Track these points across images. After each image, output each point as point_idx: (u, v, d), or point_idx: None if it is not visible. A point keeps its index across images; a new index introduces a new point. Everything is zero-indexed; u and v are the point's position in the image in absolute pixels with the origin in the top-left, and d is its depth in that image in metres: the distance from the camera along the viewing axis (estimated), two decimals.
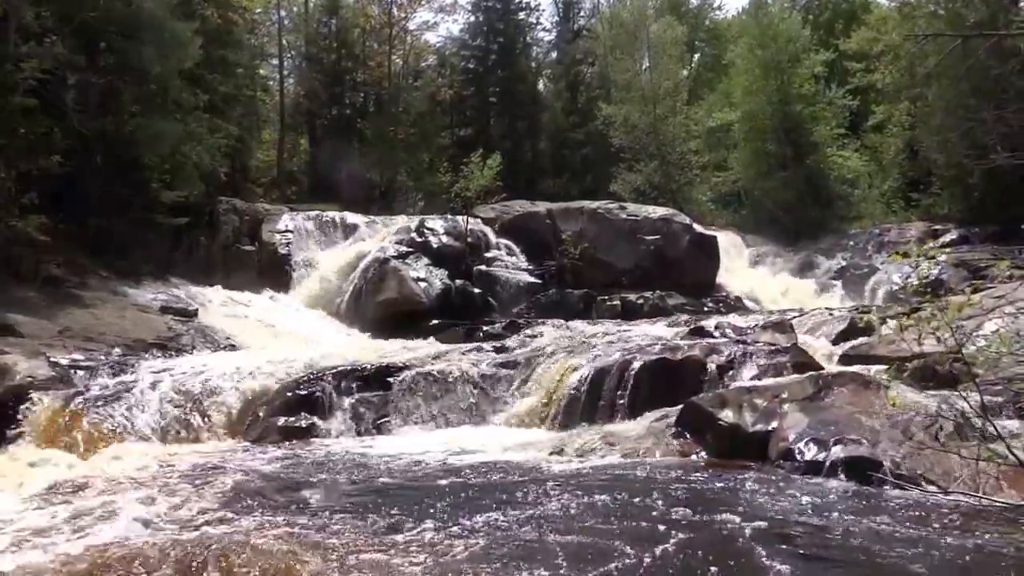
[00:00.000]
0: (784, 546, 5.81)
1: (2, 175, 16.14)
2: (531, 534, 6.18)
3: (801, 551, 5.71)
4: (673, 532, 6.14)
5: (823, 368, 11.03)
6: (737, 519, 6.46)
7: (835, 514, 6.60)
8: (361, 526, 6.47)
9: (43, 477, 8.64)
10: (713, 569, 5.45)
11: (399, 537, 6.17)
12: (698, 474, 8.11)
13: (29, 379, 10.95)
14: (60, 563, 5.71)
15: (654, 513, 6.67)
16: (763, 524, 6.32)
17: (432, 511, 6.87)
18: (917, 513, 6.59)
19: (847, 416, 8.58)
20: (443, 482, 7.99)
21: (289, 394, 11.36)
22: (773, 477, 7.84)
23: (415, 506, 7.06)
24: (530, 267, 23.22)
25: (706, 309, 21.38)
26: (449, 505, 7.08)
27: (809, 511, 6.69)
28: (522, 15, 44.81)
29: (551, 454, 9.37)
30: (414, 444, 10.10)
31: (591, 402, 10.86)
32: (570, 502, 7.08)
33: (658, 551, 5.75)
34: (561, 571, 5.39)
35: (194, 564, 5.56)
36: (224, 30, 26.46)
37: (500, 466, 8.71)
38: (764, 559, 5.56)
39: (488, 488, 7.69)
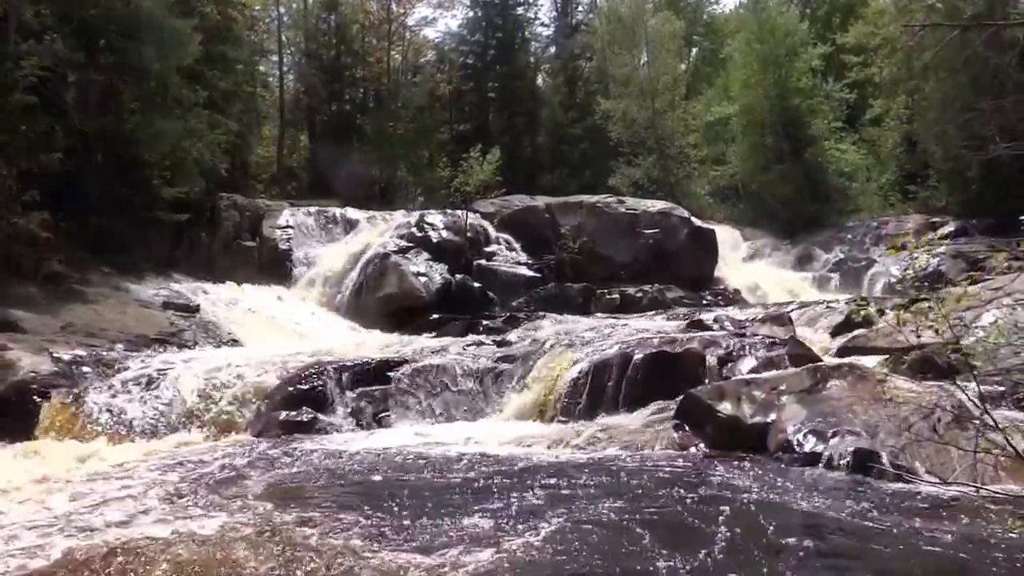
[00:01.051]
0: (782, 537, 5.86)
1: (3, 173, 16.17)
2: (530, 527, 6.23)
3: (799, 541, 5.76)
4: (672, 524, 6.21)
5: (821, 360, 11.09)
6: (735, 510, 6.53)
7: (833, 505, 6.66)
8: (363, 521, 6.53)
9: (47, 473, 8.70)
10: (711, 560, 5.51)
11: (400, 532, 6.23)
12: (697, 466, 8.18)
13: (32, 375, 11.01)
14: (62, 561, 5.76)
15: (654, 505, 6.74)
16: (761, 515, 6.38)
17: (433, 506, 6.93)
18: (915, 504, 6.65)
19: (845, 408, 8.63)
20: (444, 476, 8.05)
21: (290, 389, 11.42)
22: (771, 469, 7.90)
23: (416, 500, 7.12)
24: (529, 261, 23.20)
25: (704, 302, 21.42)
26: (450, 499, 7.14)
27: (807, 502, 6.75)
28: (520, 10, 44.79)
29: (551, 447, 9.43)
30: (415, 438, 10.16)
31: (591, 395, 10.90)
32: (570, 494, 7.14)
33: (657, 543, 5.81)
34: (560, 562, 5.45)
35: (198, 560, 5.62)
36: (223, 27, 26.43)
37: (500, 459, 8.77)
38: (763, 550, 5.62)
39: (488, 482, 7.74)
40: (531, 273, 22.62)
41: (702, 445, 9.04)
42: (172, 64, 20.36)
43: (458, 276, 21.31)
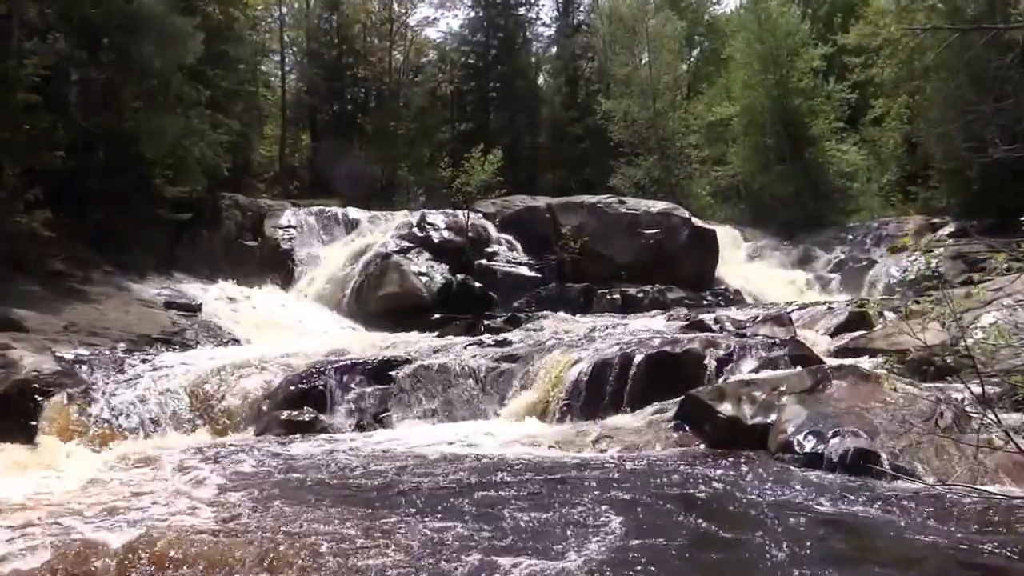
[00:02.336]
0: (782, 537, 5.89)
1: (7, 171, 16.21)
2: (530, 527, 6.26)
3: (799, 542, 5.78)
4: (672, 524, 6.23)
5: (822, 361, 11.11)
6: (736, 511, 6.56)
7: (833, 506, 6.68)
8: (364, 519, 6.54)
9: (50, 472, 8.73)
10: (711, 559, 5.54)
11: (401, 528, 6.25)
12: (697, 467, 8.19)
13: (35, 374, 10.99)
14: (70, 559, 5.78)
15: (654, 505, 6.75)
16: (761, 515, 6.41)
17: (434, 505, 6.94)
18: (915, 505, 6.66)
19: (846, 409, 8.66)
20: (445, 476, 8.04)
21: (292, 388, 11.43)
22: (772, 469, 7.92)
23: (417, 501, 7.12)
24: (530, 261, 23.23)
25: (705, 302, 21.45)
26: (451, 499, 7.15)
27: (807, 503, 6.77)
28: (522, 10, 44.86)
29: (551, 447, 9.44)
30: (415, 438, 10.16)
31: (591, 396, 10.91)
32: (570, 495, 7.15)
33: (657, 541, 5.83)
34: (562, 561, 5.47)
35: (202, 558, 5.64)
36: (225, 26, 26.44)
37: (501, 460, 8.78)
38: (763, 550, 5.64)
39: (489, 482, 7.75)
40: (532, 273, 22.65)
41: (702, 445, 9.06)
42: (173, 62, 20.37)
43: (459, 276, 21.35)
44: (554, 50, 47.73)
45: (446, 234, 23.04)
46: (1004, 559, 5.49)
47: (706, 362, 11.05)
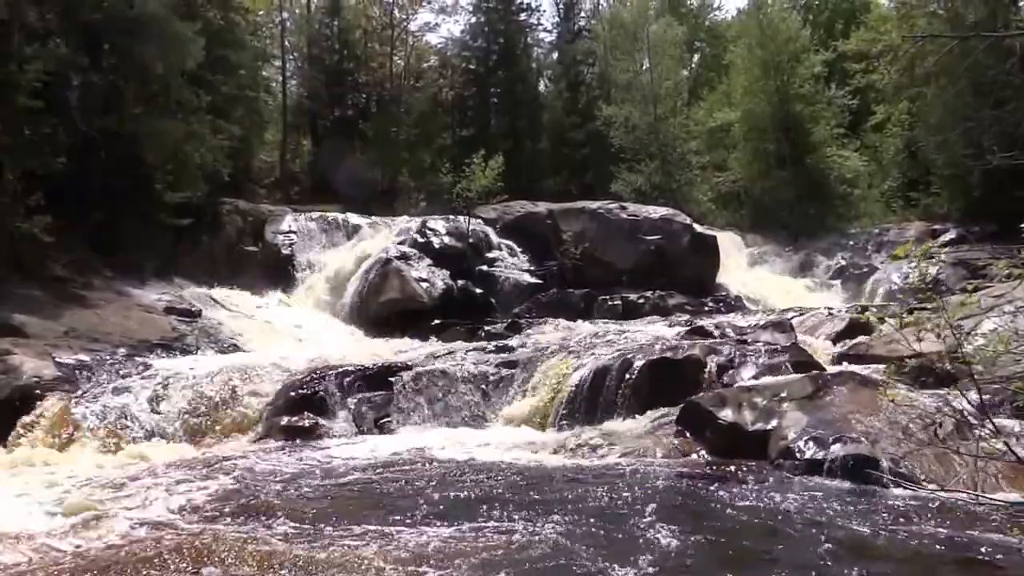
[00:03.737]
0: (782, 544, 5.89)
1: (8, 176, 16.20)
2: (530, 533, 6.25)
3: (799, 549, 5.78)
4: (673, 530, 6.21)
5: (822, 367, 11.10)
6: (736, 517, 6.55)
7: (834, 512, 6.67)
8: (363, 526, 6.54)
9: (51, 476, 8.73)
10: (711, 567, 5.53)
11: (401, 535, 6.25)
12: (698, 473, 8.20)
13: (35, 379, 11.03)
14: (72, 558, 5.79)
15: (655, 512, 6.74)
16: (762, 522, 6.41)
17: (433, 512, 6.94)
18: (916, 512, 6.66)
19: (846, 415, 8.65)
20: (446, 483, 8.05)
21: (292, 394, 11.45)
22: (772, 476, 7.92)
23: (417, 507, 7.12)
24: (531, 267, 23.21)
25: (706, 309, 21.39)
26: (450, 505, 7.15)
27: (808, 509, 6.76)
28: (523, 16, 44.77)
29: (552, 453, 9.44)
30: (416, 444, 10.15)
31: (592, 401, 10.92)
32: (571, 501, 7.15)
33: (658, 549, 5.83)
34: (561, 568, 5.47)
35: (201, 561, 5.64)
36: (226, 31, 26.46)
37: (501, 465, 8.78)
38: (763, 557, 5.64)
39: (489, 488, 7.76)
40: (533, 279, 22.63)
41: (703, 452, 9.06)
42: (174, 66, 20.36)
43: (460, 282, 21.32)
44: (555, 55, 47.69)
45: (447, 240, 23.02)
46: (1004, 565, 5.48)
47: (707, 368, 11.07)
